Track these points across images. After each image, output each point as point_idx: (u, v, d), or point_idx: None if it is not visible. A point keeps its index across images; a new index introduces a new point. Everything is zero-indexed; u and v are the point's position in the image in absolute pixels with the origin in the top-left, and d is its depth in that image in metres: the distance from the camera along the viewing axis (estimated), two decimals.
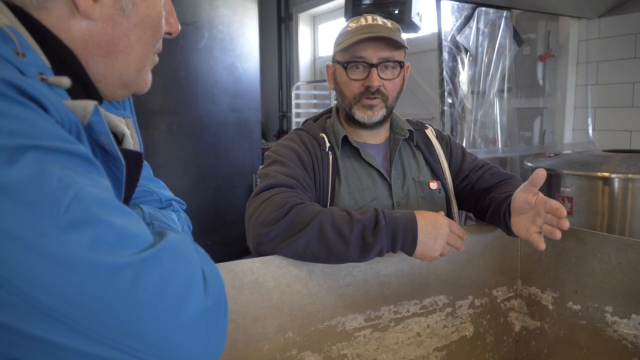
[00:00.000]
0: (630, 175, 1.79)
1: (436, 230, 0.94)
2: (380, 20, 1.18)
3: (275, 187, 1.02)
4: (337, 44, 1.21)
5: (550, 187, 2.02)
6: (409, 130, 1.26)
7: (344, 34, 1.18)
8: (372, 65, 1.14)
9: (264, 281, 0.93)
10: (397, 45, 1.14)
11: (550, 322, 1.17)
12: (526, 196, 0.98)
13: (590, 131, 2.90)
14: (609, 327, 1.05)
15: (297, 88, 3.89)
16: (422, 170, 1.25)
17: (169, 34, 0.64)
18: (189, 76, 3.17)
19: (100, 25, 0.55)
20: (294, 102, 3.85)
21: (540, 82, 2.97)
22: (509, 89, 2.76)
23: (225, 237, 3.43)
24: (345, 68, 1.16)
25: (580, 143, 2.92)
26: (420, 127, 1.32)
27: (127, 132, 0.64)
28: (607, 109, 2.81)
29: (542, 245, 0.96)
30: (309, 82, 4.43)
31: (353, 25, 1.18)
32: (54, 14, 0.53)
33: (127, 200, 0.67)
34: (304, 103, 4.26)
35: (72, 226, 0.41)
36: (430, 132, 1.30)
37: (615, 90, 2.72)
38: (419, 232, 0.94)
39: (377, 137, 1.25)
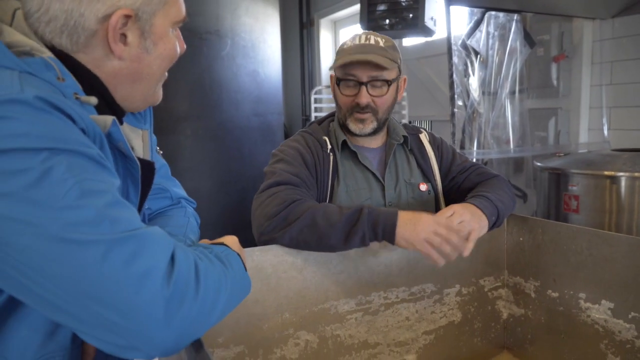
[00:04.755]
0: (636, 174, 1.81)
1: (415, 218, 1.04)
2: (373, 39, 1.26)
3: (281, 184, 1.15)
4: (334, 59, 1.32)
5: (558, 186, 2.06)
6: (404, 136, 1.36)
7: (341, 52, 1.29)
8: (361, 84, 1.24)
9: (262, 267, 1.05)
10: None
11: (533, 309, 1.25)
12: None
13: (606, 131, 2.91)
14: (583, 312, 1.13)
15: (317, 92, 4.02)
16: (413, 173, 1.35)
17: None
18: (212, 83, 3.33)
19: (128, 62, 0.70)
20: (313, 105, 3.98)
21: (555, 82, 2.99)
22: (521, 90, 2.80)
23: (250, 237, 3.53)
24: (338, 84, 1.28)
25: (595, 142, 2.94)
26: (415, 132, 1.42)
27: (139, 144, 0.78)
28: (622, 108, 2.82)
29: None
30: (328, 87, 4.54)
31: (349, 43, 1.29)
32: (90, 56, 0.68)
33: (143, 198, 0.81)
34: (326, 107, 4.38)
35: (66, 208, 0.52)
36: (423, 137, 1.40)
37: (630, 89, 2.73)
38: (399, 218, 1.04)
39: (374, 142, 1.36)
